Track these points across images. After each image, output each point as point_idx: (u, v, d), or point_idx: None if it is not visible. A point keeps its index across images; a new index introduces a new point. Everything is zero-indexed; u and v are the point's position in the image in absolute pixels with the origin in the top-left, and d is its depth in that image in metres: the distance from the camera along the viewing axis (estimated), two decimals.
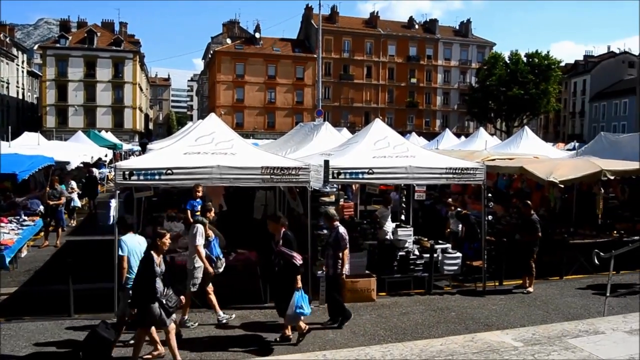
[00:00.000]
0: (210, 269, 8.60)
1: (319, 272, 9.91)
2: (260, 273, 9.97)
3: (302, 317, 7.96)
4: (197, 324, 8.77)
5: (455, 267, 11.54)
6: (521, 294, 11.06)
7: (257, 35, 72.82)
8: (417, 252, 11.48)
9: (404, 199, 15.32)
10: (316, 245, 10.02)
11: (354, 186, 16.11)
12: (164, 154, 9.99)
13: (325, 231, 10.05)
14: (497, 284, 11.68)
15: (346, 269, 9.02)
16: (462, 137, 34.34)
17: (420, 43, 76.61)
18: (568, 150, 29.20)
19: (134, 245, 7.90)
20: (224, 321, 8.80)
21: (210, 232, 8.92)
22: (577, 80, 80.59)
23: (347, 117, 72.07)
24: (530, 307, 10.22)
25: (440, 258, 11.50)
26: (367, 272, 10.76)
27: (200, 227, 8.59)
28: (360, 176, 10.18)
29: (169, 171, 9.11)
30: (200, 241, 8.49)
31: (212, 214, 9.30)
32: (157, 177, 9.11)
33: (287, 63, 71.34)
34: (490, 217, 12.55)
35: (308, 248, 9.81)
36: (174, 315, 7.10)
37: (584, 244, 12.69)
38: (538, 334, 4.91)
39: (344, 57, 73.05)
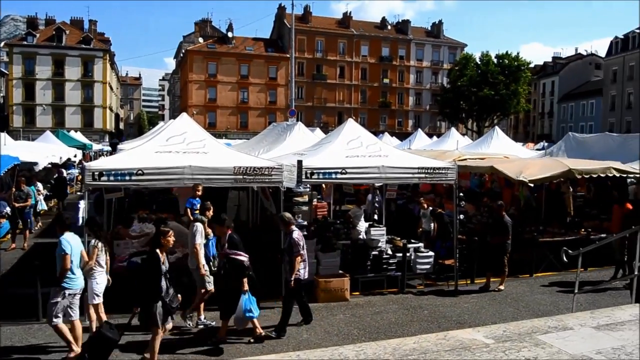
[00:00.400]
0: (202, 271, 8.55)
1: None
2: None
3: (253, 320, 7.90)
4: (214, 322, 8.71)
5: (428, 266, 11.65)
6: (492, 292, 11.22)
7: (229, 34, 72.34)
8: (390, 252, 11.55)
9: (377, 199, 15.41)
10: None
11: (324, 186, 16.12)
12: (135, 154, 9.85)
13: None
14: (468, 282, 11.83)
15: (301, 274, 8.55)
16: (434, 137, 34.68)
17: (393, 44, 77.11)
18: (537, 150, 29.71)
19: (76, 244, 7.53)
20: (202, 326, 8.77)
21: (210, 231, 8.96)
22: (545, 81, 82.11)
23: (320, 117, 72.13)
24: (501, 305, 10.36)
25: (412, 257, 11.59)
26: (340, 271, 10.78)
27: (199, 225, 8.66)
28: (334, 176, 10.19)
29: (140, 172, 8.99)
30: (199, 240, 8.55)
31: (211, 212, 9.26)
32: (127, 177, 8.98)
33: (260, 63, 71.07)
34: (461, 216, 12.69)
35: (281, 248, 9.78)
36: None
37: (552, 242, 12.93)
38: (509, 330, 4.97)
39: (317, 57, 73.08)
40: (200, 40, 75.17)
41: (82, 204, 10.99)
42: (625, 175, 13.99)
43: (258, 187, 12.50)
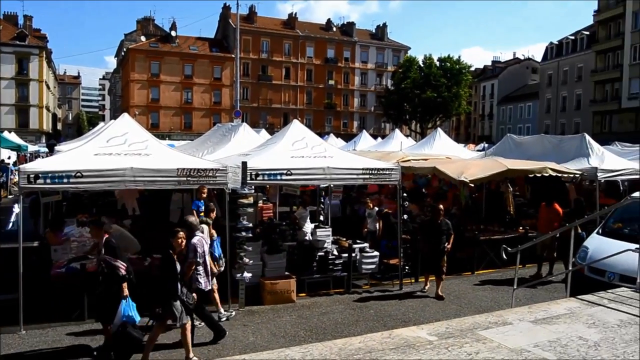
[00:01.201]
0: (215, 269, 8.80)
1: (238, 275, 9.81)
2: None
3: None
4: (233, 313, 9.41)
5: (373, 266, 11.77)
6: (434, 290, 11.43)
7: (173, 33, 70.91)
8: (335, 252, 11.61)
9: (322, 200, 15.46)
10: (235, 248, 9.89)
11: (268, 187, 16.07)
12: (73, 156, 9.48)
13: (243, 233, 9.93)
14: (413, 281, 12.03)
15: (202, 284, 8.03)
16: (379, 139, 35.08)
17: (338, 45, 77.67)
18: (478, 150, 30.49)
19: None
20: (224, 318, 9.10)
21: (214, 232, 9.18)
22: (485, 84, 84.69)
23: (266, 118, 71.84)
24: (444, 302, 10.59)
25: (358, 257, 11.69)
26: (286, 273, 10.76)
27: (205, 227, 8.76)
28: (279, 177, 10.15)
29: (79, 174, 8.66)
30: (206, 239, 8.53)
31: (214, 214, 9.56)
32: (65, 180, 8.64)
33: (204, 63, 70.06)
34: (405, 216, 12.88)
35: (227, 250, 9.69)
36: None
37: (492, 240, 13.33)
38: (451, 327, 5.08)
39: (263, 57, 72.74)
40: (143, 38, 73.42)
41: (17, 208, 10.52)
42: (560, 175, 14.55)
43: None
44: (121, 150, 9.60)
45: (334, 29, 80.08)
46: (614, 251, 7.50)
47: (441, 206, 11.70)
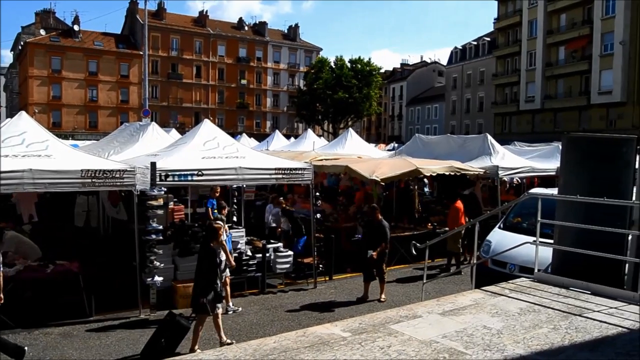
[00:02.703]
0: (233, 262, 9.28)
1: (148, 279, 9.49)
2: (84, 284, 9.25)
3: None
4: (240, 308, 9.87)
5: (287, 265, 11.78)
6: (348, 287, 11.63)
7: (75, 27, 67.27)
8: (249, 253, 11.51)
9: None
10: (144, 251, 9.55)
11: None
12: None
13: (153, 236, 9.62)
14: (327, 278, 12.16)
15: None
16: (292, 139, 35.18)
17: (250, 45, 77.12)
18: (388, 150, 31.30)
19: None
20: (231, 312, 9.55)
21: (226, 227, 9.78)
22: (395, 86, 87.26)
23: (177, 117, 70.03)
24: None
25: (272, 257, 11.66)
26: None
27: (220, 223, 8.94)
28: (190, 178, 9.91)
29: None
30: (224, 236, 8.78)
31: (226, 211, 10.63)
32: None
33: (110, 59, 67.03)
34: (318, 215, 13.00)
35: (136, 254, 9.35)
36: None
37: (403, 236, 13.73)
38: (364, 323, 5.18)
39: (172, 55, 70.82)
40: (42, 32, 69.04)
41: None
42: (464, 173, 15.24)
43: (104, 192, 11.86)
44: (18, 151, 9.01)
45: (246, 28, 79.45)
46: (514, 244, 7.93)
47: (375, 205, 11.62)
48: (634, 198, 6.49)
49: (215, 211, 10.75)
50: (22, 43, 70.17)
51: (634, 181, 6.56)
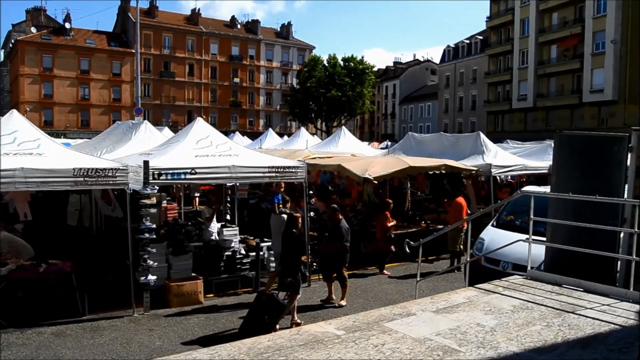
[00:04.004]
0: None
1: (142, 278, 9.46)
2: (77, 284, 9.22)
3: None
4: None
5: None
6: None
7: (67, 25, 66.88)
8: (243, 251, 11.51)
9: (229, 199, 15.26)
10: (138, 250, 9.52)
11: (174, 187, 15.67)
12: None
13: (147, 235, 9.59)
14: (320, 277, 12.12)
15: None
16: (285, 137, 35.17)
17: (243, 43, 76.97)
18: (381, 148, 31.36)
19: None
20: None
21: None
22: (388, 84, 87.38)
23: (169, 115, 69.85)
24: (351, 297, 10.77)
25: (266, 256, 11.65)
26: (193, 274, 10.53)
27: (285, 216, 10.17)
28: (183, 176, 9.87)
29: None
30: None
31: (289, 204, 11.51)
32: None
33: (103, 57, 66.68)
34: (312, 213, 13.00)
35: (129, 253, 9.32)
36: None
37: (396, 234, 13.75)
38: (358, 321, 5.19)
39: (165, 53, 70.60)
40: (33, 30, 68.60)
41: None
42: (457, 171, 15.28)
43: (97, 191, 11.81)
44: (10, 149, 8.93)
45: (239, 26, 79.31)
46: (507, 242, 7.96)
47: (336, 205, 11.31)
48: (625, 196, 6.52)
49: (281, 205, 11.76)
50: (12, 41, 69.67)
51: (626, 179, 6.60)
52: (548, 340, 4.65)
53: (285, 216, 10.26)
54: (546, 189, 8.39)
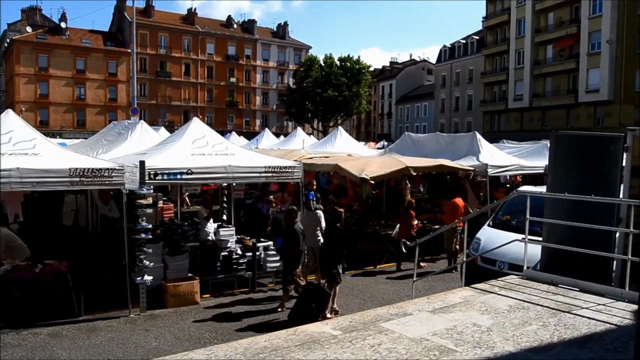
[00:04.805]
0: None
1: (138, 278, 9.44)
2: (73, 284, 9.19)
3: None
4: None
5: (278, 264, 11.74)
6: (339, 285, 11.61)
7: (62, 25, 66.65)
8: (239, 252, 11.49)
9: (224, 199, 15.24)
10: (134, 250, 9.50)
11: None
12: None
13: (143, 235, 9.57)
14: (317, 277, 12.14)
15: None
16: (281, 137, 35.13)
17: (239, 43, 76.89)
18: (378, 148, 31.36)
19: None
20: None
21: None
22: (384, 84, 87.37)
23: (165, 115, 69.71)
24: (348, 297, 10.78)
25: (262, 256, 11.64)
26: (189, 274, 10.50)
27: (321, 212, 11.14)
28: (179, 176, 9.85)
29: None
30: (324, 223, 10.81)
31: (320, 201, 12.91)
32: None
33: (98, 57, 66.51)
34: None
35: (125, 253, 9.30)
36: None
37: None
38: (355, 321, 5.19)
39: (161, 53, 70.44)
40: (29, 29, 68.36)
41: None
42: (453, 171, 15.29)
43: (95, 190, 11.77)
44: (5, 149, 8.89)
45: (235, 26, 79.20)
46: (503, 242, 7.97)
47: (294, 207, 10.75)
48: (621, 195, 6.54)
49: (314, 202, 12.61)
50: (8, 40, 69.44)
51: (621, 179, 6.62)
52: (544, 339, 4.66)
53: (319, 212, 11.15)
54: (542, 188, 8.41)
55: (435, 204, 16.68)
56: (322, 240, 10.59)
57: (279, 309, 9.75)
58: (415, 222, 13.39)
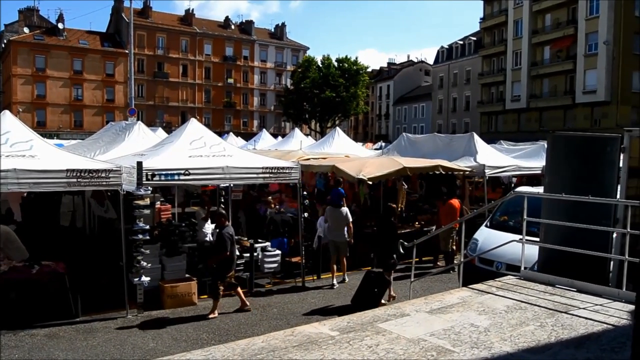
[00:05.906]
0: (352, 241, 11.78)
1: (135, 279, 9.43)
2: (70, 285, 9.18)
3: None
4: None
5: (275, 265, 11.77)
6: (339, 286, 11.63)
7: (60, 25, 66.54)
8: (237, 252, 11.46)
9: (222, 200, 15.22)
10: (132, 251, 9.49)
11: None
12: None
13: (140, 236, 9.56)
14: (315, 277, 12.16)
15: None
16: (279, 137, 35.15)
17: (237, 43, 76.88)
18: (375, 149, 31.37)
19: None
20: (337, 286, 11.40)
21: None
22: (382, 85, 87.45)
23: (163, 116, 69.66)
24: (346, 298, 10.75)
25: (260, 257, 11.64)
26: (187, 275, 10.50)
27: (346, 209, 11.76)
28: (176, 177, 9.84)
29: None
30: (350, 218, 11.67)
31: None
32: None
33: (96, 58, 66.41)
34: (306, 215, 12.98)
35: (123, 254, 9.29)
36: None
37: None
38: (352, 321, 5.19)
39: (159, 54, 70.41)
40: (26, 30, 68.21)
41: None
42: (451, 172, 15.30)
43: (89, 192, 11.76)
44: (2, 151, 8.88)
45: (233, 27, 79.20)
46: (500, 242, 7.98)
47: (223, 211, 10.86)
48: (618, 196, 6.56)
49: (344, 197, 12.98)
50: (5, 41, 69.29)
51: (618, 179, 6.64)
52: (541, 340, 4.67)
53: (345, 209, 11.71)
54: (539, 189, 8.42)
55: (433, 205, 16.66)
56: (346, 236, 11.60)
57: (210, 316, 9.31)
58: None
